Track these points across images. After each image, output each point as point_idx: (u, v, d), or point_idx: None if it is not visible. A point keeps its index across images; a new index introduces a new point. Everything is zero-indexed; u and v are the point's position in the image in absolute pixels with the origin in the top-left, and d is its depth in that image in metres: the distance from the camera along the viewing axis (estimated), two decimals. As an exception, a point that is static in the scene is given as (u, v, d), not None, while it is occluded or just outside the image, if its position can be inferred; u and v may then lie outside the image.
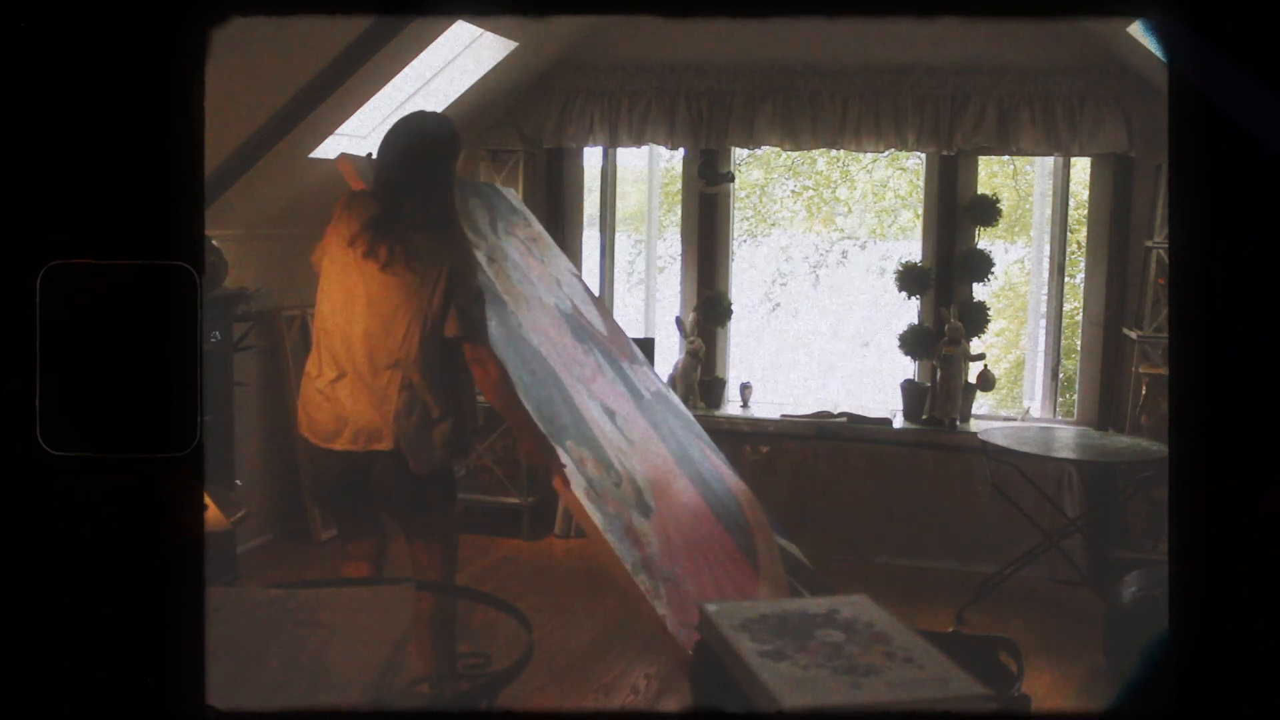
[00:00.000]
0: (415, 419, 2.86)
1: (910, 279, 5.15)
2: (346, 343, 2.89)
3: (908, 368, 5.30)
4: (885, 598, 2.12)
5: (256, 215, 4.51)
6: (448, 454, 2.92)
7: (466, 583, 4.15)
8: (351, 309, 2.89)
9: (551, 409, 3.30)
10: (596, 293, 4.78)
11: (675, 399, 4.32)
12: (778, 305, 8.29)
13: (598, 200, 5.58)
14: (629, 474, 3.44)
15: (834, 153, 7.13)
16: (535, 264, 4.01)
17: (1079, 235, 5.82)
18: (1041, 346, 5.43)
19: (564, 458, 3.09)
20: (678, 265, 5.60)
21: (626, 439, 3.63)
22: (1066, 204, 5.30)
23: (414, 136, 2.95)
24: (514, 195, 4.36)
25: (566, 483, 3.03)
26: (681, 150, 5.42)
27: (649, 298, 5.88)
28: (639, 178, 6.23)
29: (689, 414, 4.31)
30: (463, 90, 4.86)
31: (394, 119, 3.10)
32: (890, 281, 5.25)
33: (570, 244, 5.47)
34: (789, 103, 5.09)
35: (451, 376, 2.91)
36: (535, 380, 3.35)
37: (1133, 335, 4.80)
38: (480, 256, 3.56)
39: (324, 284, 2.95)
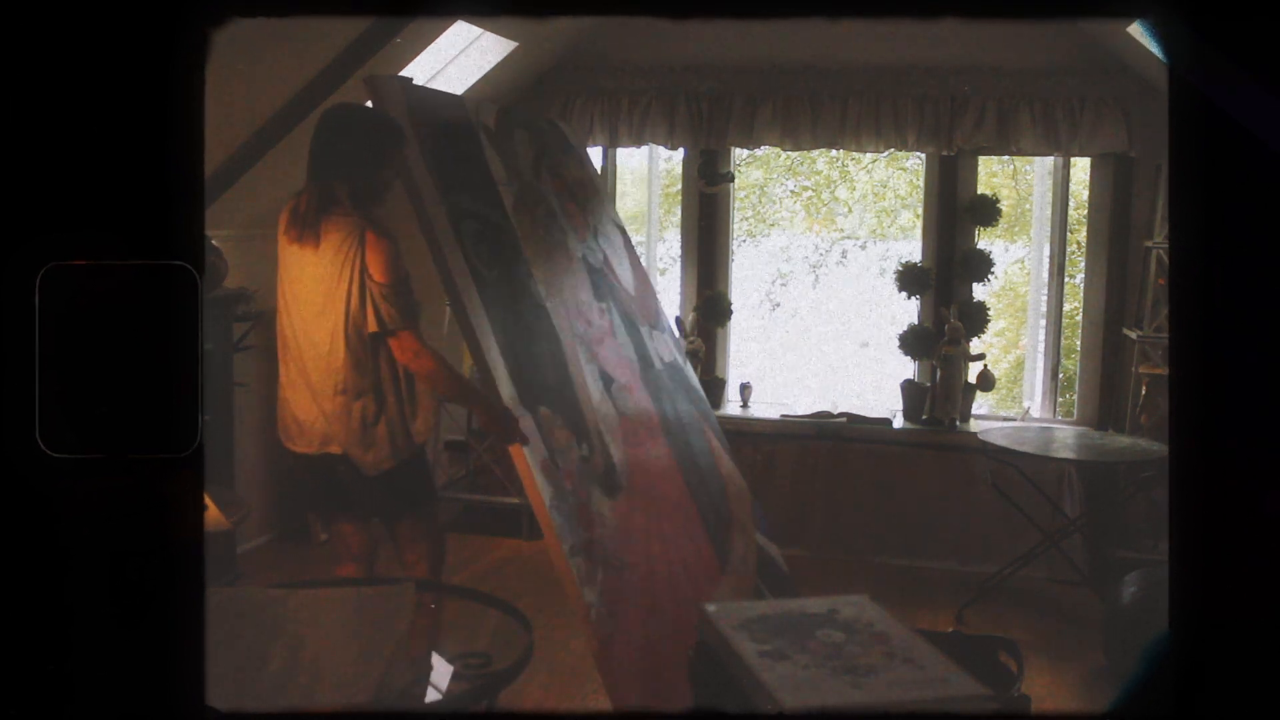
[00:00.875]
0: (355, 422, 2.82)
1: (910, 279, 5.15)
2: (293, 346, 2.87)
3: (908, 368, 5.30)
4: (885, 598, 2.12)
5: (256, 215, 4.51)
6: (394, 453, 2.86)
7: (466, 583, 4.15)
8: (290, 312, 2.86)
9: (534, 369, 3.16)
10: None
11: (690, 374, 4.13)
12: (778, 305, 8.29)
13: (598, 200, 5.58)
14: (605, 447, 3.30)
15: (834, 153, 7.13)
16: (574, 209, 3.82)
17: (1079, 235, 5.82)
18: (1041, 346, 5.43)
19: (529, 426, 2.97)
20: (678, 266, 5.60)
21: (617, 409, 3.47)
22: (1066, 204, 5.30)
23: (323, 122, 2.89)
24: (573, 132, 4.17)
25: (525, 441, 2.92)
26: (681, 150, 5.42)
27: (649, 298, 5.87)
28: (639, 178, 6.23)
29: (701, 391, 4.13)
30: (463, 90, 4.86)
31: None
32: (890, 281, 5.25)
33: (570, 244, 5.46)
34: (789, 103, 5.09)
35: (388, 371, 2.84)
36: (525, 334, 3.20)
37: (1133, 335, 4.80)
38: (506, 196, 3.40)
39: (278, 287, 2.93)
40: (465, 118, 3.47)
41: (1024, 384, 5.89)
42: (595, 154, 5.53)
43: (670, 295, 5.82)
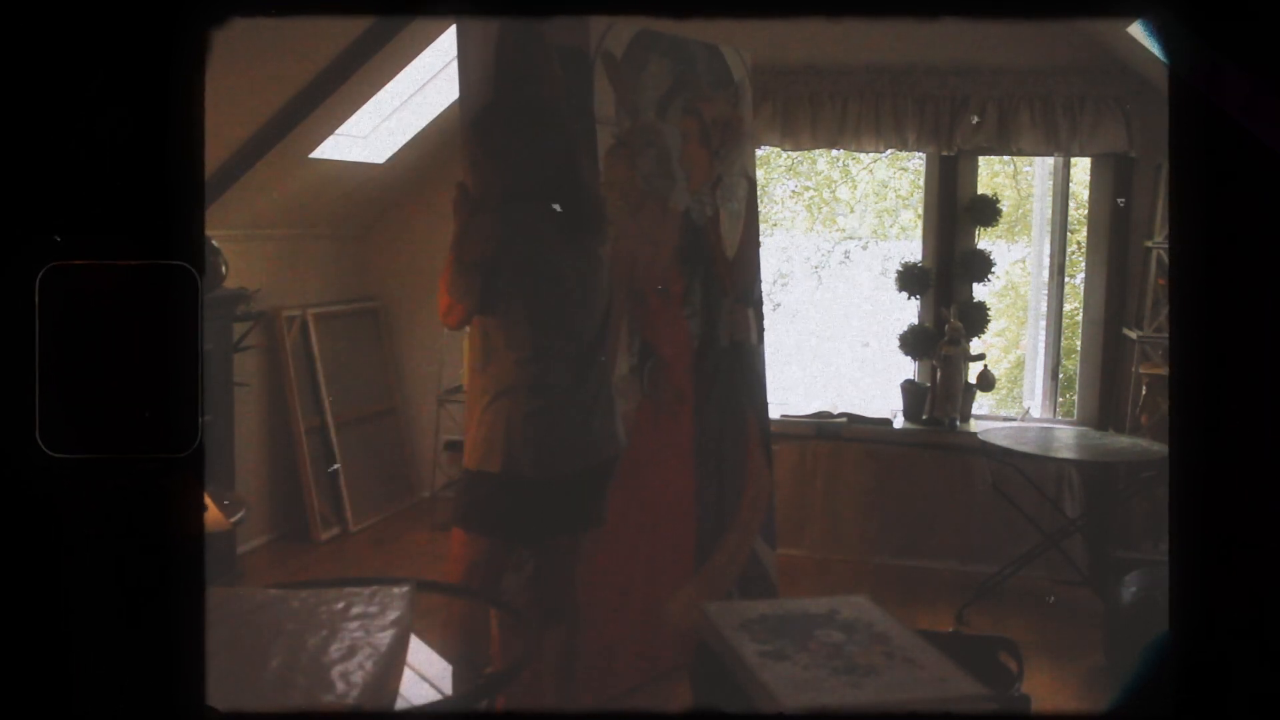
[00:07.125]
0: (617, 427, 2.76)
1: (910, 279, 5.15)
2: (540, 357, 2.71)
3: (908, 368, 5.30)
4: (885, 598, 2.12)
5: (256, 215, 4.51)
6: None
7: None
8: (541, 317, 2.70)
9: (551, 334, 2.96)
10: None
11: (758, 358, 3.83)
12: (779, 305, 8.29)
13: (598, 200, 5.56)
14: (603, 428, 3.12)
15: (834, 153, 7.13)
16: (699, 153, 3.46)
17: (1079, 235, 5.82)
18: (1041, 346, 5.43)
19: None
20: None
21: (644, 388, 3.24)
22: (1066, 204, 5.30)
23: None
24: (740, 62, 3.67)
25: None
26: (681, 150, 5.41)
27: (649, 298, 5.86)
28: (639, 178, 6.21)
29: (764, 379, 3.86)
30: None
31: (394, 119, 3.02)
32: (891, 282, 5.25)
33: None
34: (789, 103, 5.09)
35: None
36: (555, 292, 2.95)
37: (1133, 335, 4.80)
38: (604, 137, 3.11)
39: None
40: (579, 45, 3.14)
41: (1024, 384, 5.89)
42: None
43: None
